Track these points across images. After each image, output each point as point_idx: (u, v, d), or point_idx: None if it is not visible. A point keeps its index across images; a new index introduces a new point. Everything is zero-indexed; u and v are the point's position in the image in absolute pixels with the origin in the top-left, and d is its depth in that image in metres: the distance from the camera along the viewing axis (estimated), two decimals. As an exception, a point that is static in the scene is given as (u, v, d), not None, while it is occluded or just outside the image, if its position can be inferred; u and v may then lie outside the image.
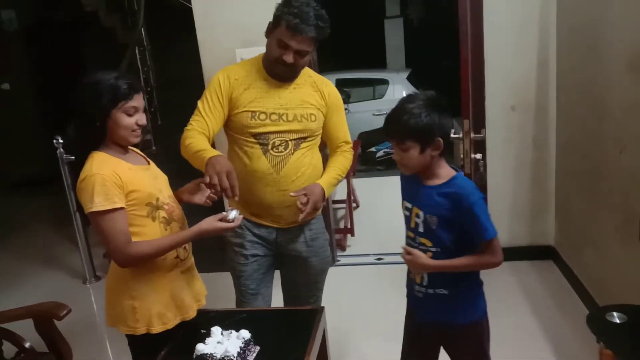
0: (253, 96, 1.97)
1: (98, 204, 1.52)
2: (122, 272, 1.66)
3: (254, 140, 1.96)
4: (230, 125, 2.03)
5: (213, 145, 1.96)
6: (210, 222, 1.63)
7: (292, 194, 1.91)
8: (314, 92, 2.02)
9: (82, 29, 6.42)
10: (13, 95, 6.80)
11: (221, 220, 1.63)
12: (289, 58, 1.88)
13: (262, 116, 1.95)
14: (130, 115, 1.61)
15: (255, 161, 1.96)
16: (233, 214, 1.63)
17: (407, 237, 1.73)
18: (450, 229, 1.62)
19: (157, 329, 1.67)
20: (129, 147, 1.71)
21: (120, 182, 1.57)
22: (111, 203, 1.54)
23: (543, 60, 3.27)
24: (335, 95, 2.08)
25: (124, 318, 1.67)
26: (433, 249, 1.65)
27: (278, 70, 1.95)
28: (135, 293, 1.66)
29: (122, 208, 1.57)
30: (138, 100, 1.63)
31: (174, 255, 1.71)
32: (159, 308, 1.67)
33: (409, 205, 1.70)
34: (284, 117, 1.96)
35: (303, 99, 1.99)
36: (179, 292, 1.72)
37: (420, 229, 1.66)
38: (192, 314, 1.77)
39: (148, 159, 1.79)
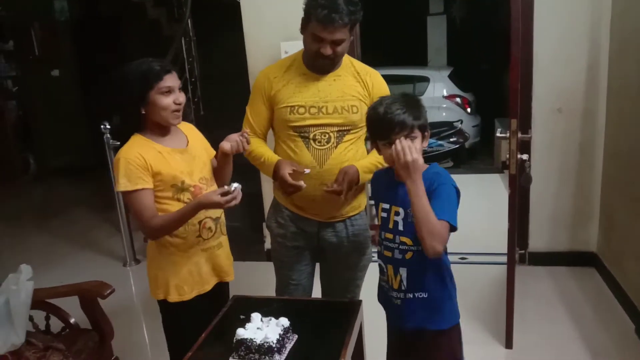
0: (292, 91, 1.96)
1: (122, 184, 1.69)
2: (153, 249, 1.85)
3: (296, 133, 1.96)
4: (273, 122, 2.04)
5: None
6: (207, 196, 1.69)
7: (326, 189, 1.89)
8: (356, 82, 1.97)
9: (128, 20, 6.60)
10: (62, 82, 7.02)
11: (223, 194, 1.65)
12: (326, 51, 1.85)
13: (301, 110, 1.94)
14: (165, 95, 1.70)
15: (299, 154, 1.95)
16: (234, 186, 1.68)
17: (385, 239, 1.69)
18: None
19: (173, 298, 1.83)
20: (178, 126, 1.81)
21: (145, 164, 1.69)
22: (134, 184, 1.69)
23: (593, 63, 3.18)
24: (380, 86, 2.00)
25: (152, 285, 1.88)
26: (414, 248, 1.63)
27: (319, 64, 1.92)
28: (159, 265, 1.84)
29: (146, 188, 1.70)
30: (171, 80, 1.72)
31: (197, 234, 1.82)
32: (176, 280, 1.83)
33: (386, 206, 1.69)
34: (324, 110, 1.93)
35: (343, 91, 1.95)
36: (196, 267, 1.85)
37: (401, 227, 1.64)
38: (207, 287, 1.88)
39: (189, 139, 1.87)
